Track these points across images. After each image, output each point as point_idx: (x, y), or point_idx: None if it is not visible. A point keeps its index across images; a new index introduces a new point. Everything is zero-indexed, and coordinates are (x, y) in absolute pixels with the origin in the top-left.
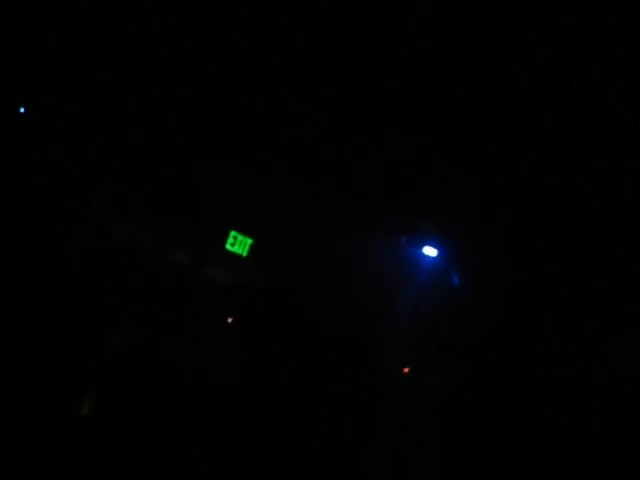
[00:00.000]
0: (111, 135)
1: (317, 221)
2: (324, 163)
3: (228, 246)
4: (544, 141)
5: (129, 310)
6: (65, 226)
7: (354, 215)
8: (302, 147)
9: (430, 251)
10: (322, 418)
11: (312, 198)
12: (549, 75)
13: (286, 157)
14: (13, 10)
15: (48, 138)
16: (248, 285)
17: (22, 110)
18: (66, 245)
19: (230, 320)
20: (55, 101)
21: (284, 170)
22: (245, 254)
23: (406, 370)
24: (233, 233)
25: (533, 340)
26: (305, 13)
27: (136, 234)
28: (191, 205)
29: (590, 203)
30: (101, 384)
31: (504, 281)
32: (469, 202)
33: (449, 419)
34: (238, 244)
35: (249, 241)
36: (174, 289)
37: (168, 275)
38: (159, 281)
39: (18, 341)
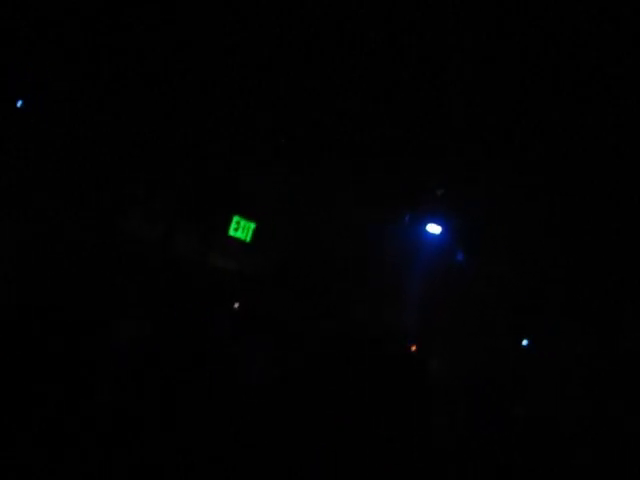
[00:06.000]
0: (115, 127)
1: (318, 203)
2: (326, 145)
3: (232, 231)
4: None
5: (135, 299)
6: (71, 218)
7: (356, 195)
8: (303, 128)
9: (434, 228)
10: (342, 403)
11: (313, 181)
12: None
13: (287, 138)
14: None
15: (55, 133)
16: (253, 270)
17: (20, 104)
18: (73, 238)
19: (236, 305)
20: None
21: (285, 154)
22: (248, 239)
23: (413, 348)
24: (236, 218)
25: (541, 314)
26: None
27: (139, 223)
28: (193, 192)
29: (600, 180)
30: (107, 374)
31: (509, 258)
32: (473, 180)
33: (460, 397)
34: (241, 229)
35: (252, 226)
36: (180, 277)
37: (173, 263)
38: (164, 269)
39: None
